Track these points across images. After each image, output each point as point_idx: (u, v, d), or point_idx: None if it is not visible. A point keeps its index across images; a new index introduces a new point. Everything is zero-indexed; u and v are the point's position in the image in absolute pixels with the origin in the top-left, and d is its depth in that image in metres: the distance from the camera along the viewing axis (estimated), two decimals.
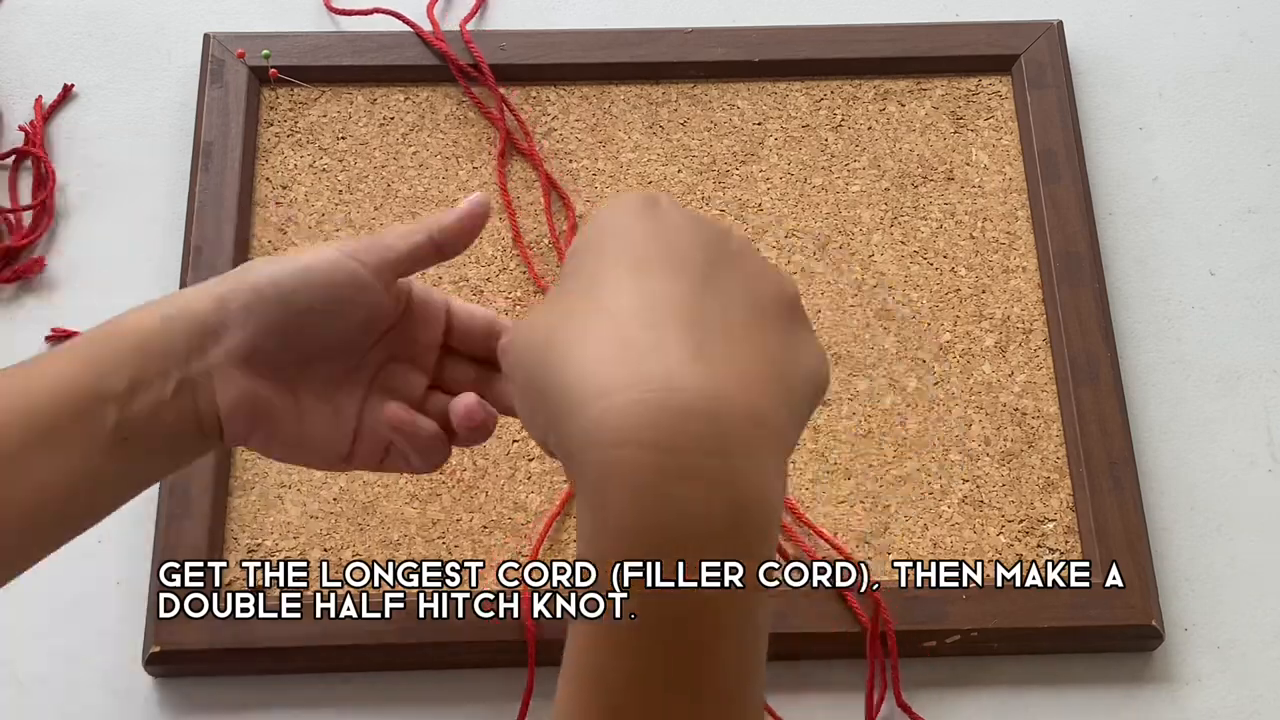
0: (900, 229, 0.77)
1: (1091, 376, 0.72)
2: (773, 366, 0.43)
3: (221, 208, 0.75)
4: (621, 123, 0.80)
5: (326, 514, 0.69)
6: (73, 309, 0.75)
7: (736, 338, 0.43)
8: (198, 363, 0.53)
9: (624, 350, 0.41)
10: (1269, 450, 0.73)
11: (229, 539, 0.68)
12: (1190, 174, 0.81)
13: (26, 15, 0.85)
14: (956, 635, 0.66)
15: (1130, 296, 0.77)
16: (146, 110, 0.82)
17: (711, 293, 0.44)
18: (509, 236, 0.77)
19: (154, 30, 0.84)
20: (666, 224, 0.46)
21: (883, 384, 0.73)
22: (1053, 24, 0.83)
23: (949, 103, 0.81)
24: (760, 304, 0.45)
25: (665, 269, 0.44)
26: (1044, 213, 0.77)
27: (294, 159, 0.78)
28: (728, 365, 0.41)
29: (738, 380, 0.41)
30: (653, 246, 0.45)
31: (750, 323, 0.44)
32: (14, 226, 0.78)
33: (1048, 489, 0.70)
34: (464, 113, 0.80)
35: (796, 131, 0.80)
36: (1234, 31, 0.86)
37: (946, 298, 0.75)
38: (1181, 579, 0.70)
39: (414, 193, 0.78)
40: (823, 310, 0.75)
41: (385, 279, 0.56)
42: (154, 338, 0.52)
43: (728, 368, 0.41)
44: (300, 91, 0.80)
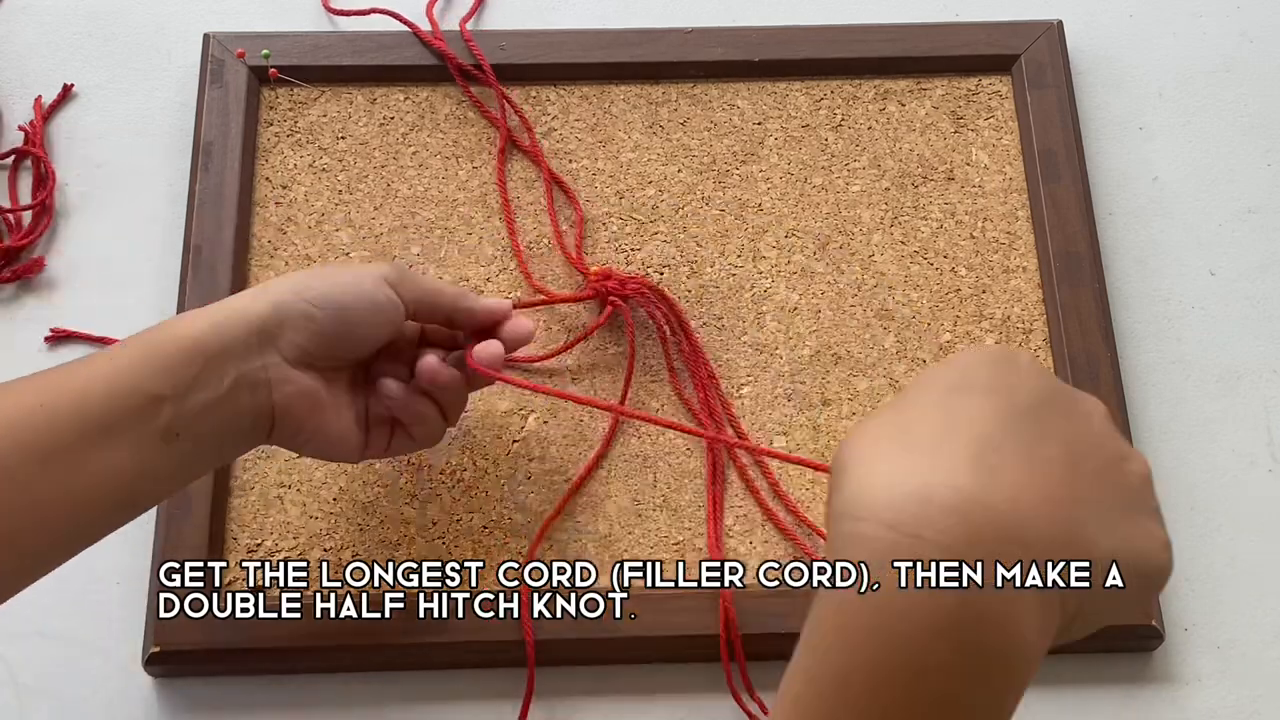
0: (900, 229, 0.77)
1: (1091, 376, 0.72)
2: (1075, 509, 0.42)
3: (221, 208, 0.75)
4: (621, 122, 0.80)
5: (326, 514, 0.69)
6: (72, 309, 0.75)
7: (1037, 468, 0.42)
8: (256, 360, 0.58)
9: (903, 444, 0.42)
10: (1269, 450, 0.73)
11: (229, 539, 0.68)
12: (1190, 174, 0.81)
13: (26, 15, 0.85)
14: None
15: (1130, 296, 0.77)
16: (146, 110, 0.82)
17: (1028, 425, 0.43)
18: (509, 236, 0.77)
19: (154, 30, 0.84)
20: (1013, 367, 0.45)
21: (883, 384, 0.73)
22: (1053, 24, 0.83)
23: (949, 102, 0.81)
24: (1088, 454, 0.44)
25: (984, 395, 0.44)
26: (1044, 213, 0.77)
27: (294, 159, 0.78)
28: (1008, 481, 0.41)
29: (1010, 493, 0.41)
30: (983, 377, 0.45)
31: (1064, 462, 0.43)
32: (14, 226, 0.78)
33: None
34: (464, 112, 0.80)
35: (796, 131, 0.80)
36: (1234, 31, 0.86)
37: (946, 298, 0.75)
38: (1181, 579, 0.70)
39: (414, 192, 0.78)
40: (823, 310, 0.75)
41: (410, 309, 0.63)
42: (208, 338, 0.57)
43: (1006, 482, 0.41)
44: (300, 91, 0.80)
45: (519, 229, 0.77)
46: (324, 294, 0.60)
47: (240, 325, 0.57)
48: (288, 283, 0.60)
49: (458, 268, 0.76)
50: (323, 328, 0.59)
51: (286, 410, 0.59)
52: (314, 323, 0.59)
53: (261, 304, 0.58)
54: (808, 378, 0.73)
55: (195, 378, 0.56)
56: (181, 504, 0.68)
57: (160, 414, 0.55)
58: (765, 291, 0.75)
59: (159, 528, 0.68)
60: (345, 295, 0.60)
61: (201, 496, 0.68)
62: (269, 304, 0.58)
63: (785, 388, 0.73)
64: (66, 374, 0.55)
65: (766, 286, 0.75)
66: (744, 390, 0.73)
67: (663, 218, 0.77)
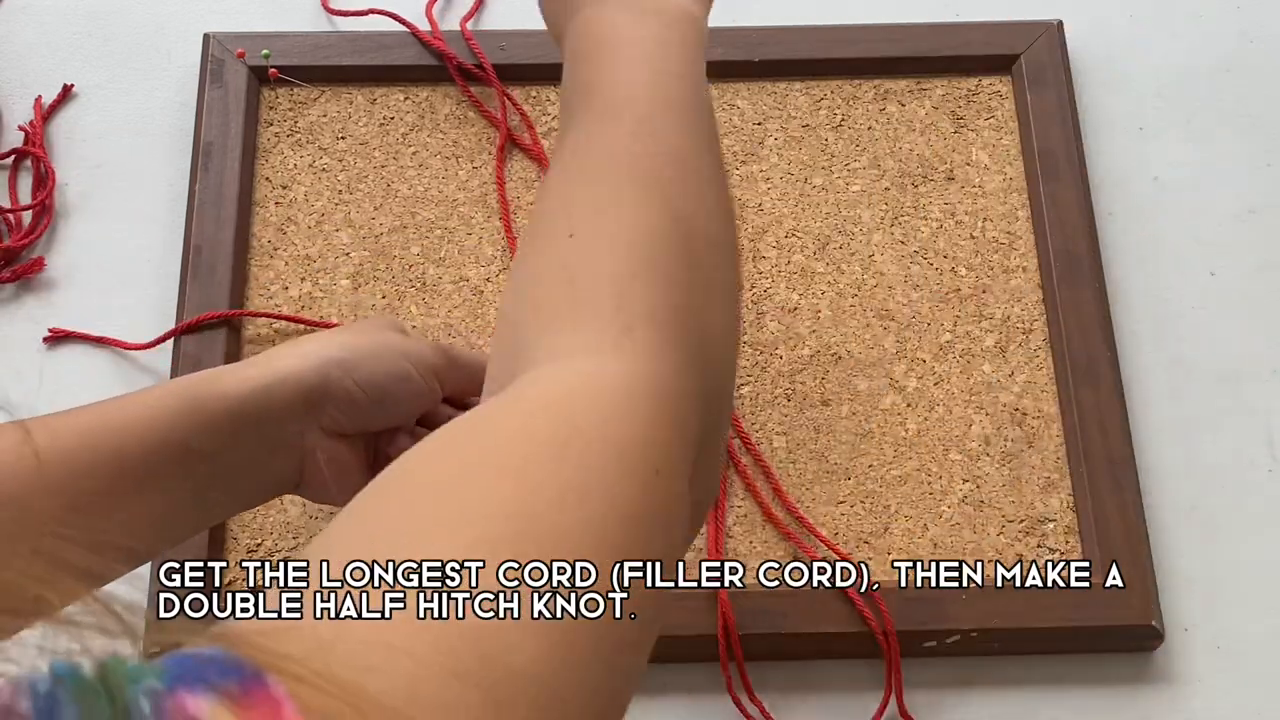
0: (900, 229, 0.77)
1: (1092, 376, 0.72)
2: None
3: (221, 208, 0.75)
4: None
5: (326, 515, 0.69)
6: (72, 309, 0.75)
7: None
8: (294, 426, 0.58)
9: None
10: (1269, 450, 0.73)
11: (229, 539, 0.68)
12: (1190, 174, 0.81)
13: (26, 15, 0.85)
14: (956, 635, 0.66)
15: (1130, 296, 0.77)
16: (146, 110, 0.82)
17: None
18: (506, 235, 0.77)
19: (154, 30, 0.84)
20: None
21: (882, 384, 0.73)
22: (1053, 24, 0.83)
23: (949, 103, 0.81)
24: None
25: None
26: (1044, 213, 0.77)
27: (293, 159, 0.78)
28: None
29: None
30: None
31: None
32: (14, 226, 0.78)
33: (1048, 489, 0.70)
34: (463, 112, 0.80)
35: (796, 131, 0.80)
36: (1234, 31, 0.86)
37: (946, 298, 0.75)
38: (1181, 579, 0.70)
39: (413, 192, 0.78)
40: (822, 310, 0.75)
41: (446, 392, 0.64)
42: (251, 403, 0.56)
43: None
44: (300, 91, 0.80)
45: (520, 229, 0.77)
46: (371, 377, 0.60)
47: (289, 394, 0.58)
48: (337, 351, 0.60)
49: (458, 268, 0.76)
50: (363, 408, 0.60)
51: (315, 474, 0.60)
52: (356, 404, 0.59)
53: (311, 375, 0.58)
54: (807, 377, 0.73)
55: (235, 437, 0.56)
56: None
57: (197, 470, 0.55)
58: (765, 291, 0.75)
59: None
60: (390, 382, 0.61)
61: None
62: (319, 376, 0.58)
63: (785, 388, 0.73)
64: (108, 413, 0.55)
65: (766, 286, 0.75)
66: (744, 390, 0.73)
67: None
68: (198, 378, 0.57)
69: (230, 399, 0.56)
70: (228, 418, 0.56)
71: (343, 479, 0.61)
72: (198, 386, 0.56)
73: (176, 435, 0.54)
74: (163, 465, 0.54)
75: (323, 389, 0.58)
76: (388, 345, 0.62)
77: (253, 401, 0.56)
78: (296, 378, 0.58)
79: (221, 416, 0.56)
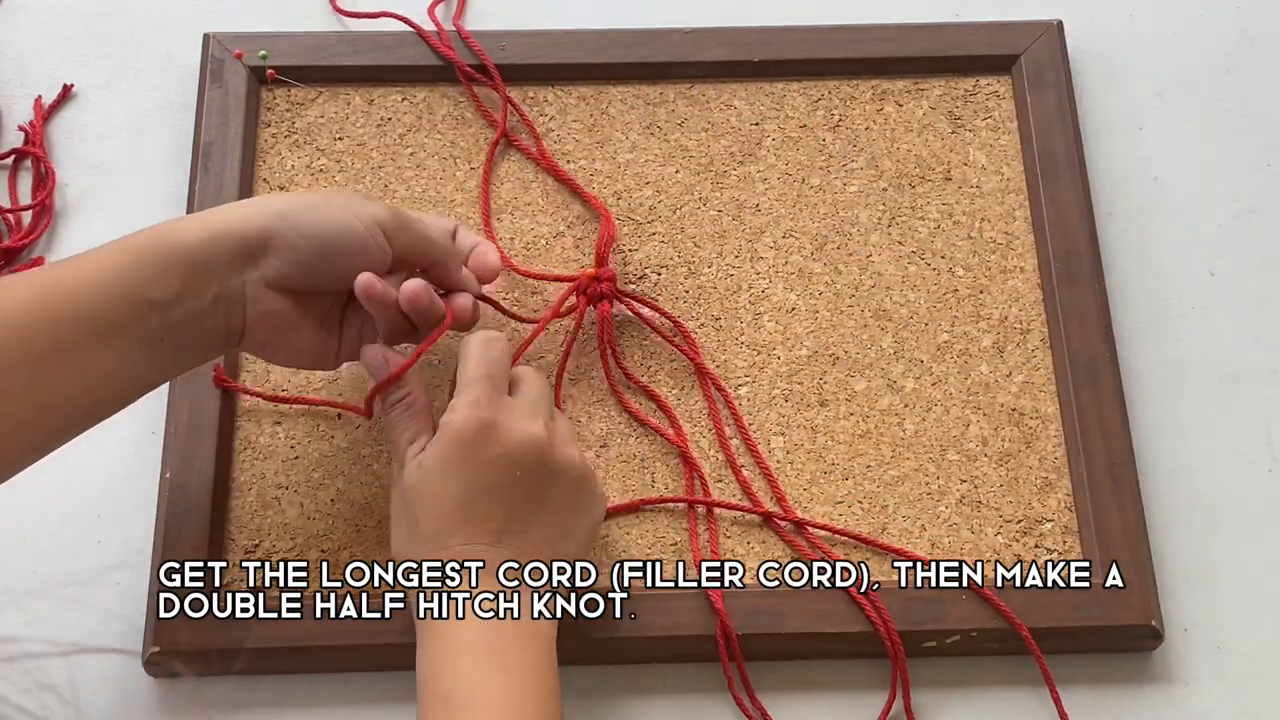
0: (898, 229, 0.77)
1: (1091, 376, 0.72)
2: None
3: None
4: (619, 123, 0.80)
5: (324, 515, 0.69)
6: None
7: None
8: (236, 279, 0.60)
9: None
10: (1269, 450, 0.73)
11: (228, 539, 0.68)
12: (1190, 174, 0.81)
13: (26, 15, 0.85)
14: (956, 635, 0.66)
15: (1130, 296, 0.77)
16: (146, 110, 0.82)
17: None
18: (507, 237, 0.77)
19: (154, 30, 0.84)
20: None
21: (880, 384, 0.73)
22: (1053, 24, 0.83)
23: (947, 103, 0.81)
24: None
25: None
26: (1044, 213, 0.76)
27: (292, 159, 0.78)
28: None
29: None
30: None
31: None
32: (13, 226, 0.78)
33: (1045, 489, 0.70)
34: (461, 113, 0.80)
35: (794, 132, 0.80)
36: (1234, 31, 0.86)
37: (944, 298, 0.75)
38: (1181, 579, 0.70)
39: (411, 193, 0.78)
40: (820, 311, 0.75)
41: (398, 256, 0.64)
42: (200, 252, 0.59)
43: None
44: (298, 92, 0.80)
45: (519, 229, 0.77)
46: (314, 228, 0.61)
47: (229, 242, 0.59)
48: (283, 204, 0.61)
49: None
50: (304, 259, 0.61)
51: (255, 326, 0.61)
52: (297, 253, 0.60)
53: (254, 224, 0.60)
54: (805, 378, 0.73)
55: (186, 285, 0.58)
56: (181, 504, 0.68)
57: (150, 319, 0.57)
58: (763, 292, 0.75)
59: (159, 528, 0.68)
60: (334, 234, 0.61)
61: (201, 497, 0.68)
62: (261, 226, 0.60)
63: (782, 388, 0.73)
64: (64, 273, 0.58)
65: (764, 287, 0.75)
66: (741, 390, 0.73)
67: (660, 218, 0.77)
68: (149, 231, 0.59)
69: (176, 247, 0.58)
70: (179, 265, 0.58)
71: (279, 335, 0.62)
72: (151, 236, 0.59)
73: (133, 288, 0.57)
74: (122, 318, 0.57)
75: (262, 239, 0.60)
76: (334, 199, 0.63)
77: (198, 248, 0.59)
78: (239, 227, 0.60)
79: (171, 266, 0.58)
